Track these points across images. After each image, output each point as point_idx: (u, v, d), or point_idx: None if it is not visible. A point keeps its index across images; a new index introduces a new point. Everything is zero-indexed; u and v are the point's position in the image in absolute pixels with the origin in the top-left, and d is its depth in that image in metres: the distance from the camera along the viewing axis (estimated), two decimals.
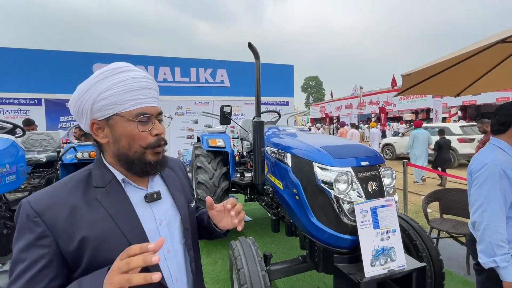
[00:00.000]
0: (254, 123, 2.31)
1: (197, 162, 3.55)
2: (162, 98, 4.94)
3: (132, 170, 0.73)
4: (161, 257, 0.74)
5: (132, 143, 0.71)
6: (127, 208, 0.71)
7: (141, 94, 0.72)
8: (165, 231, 0.77)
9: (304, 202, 1.81)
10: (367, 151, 1.84)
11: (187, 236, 0.84)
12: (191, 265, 0.85)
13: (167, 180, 0.86)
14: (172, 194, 0.84)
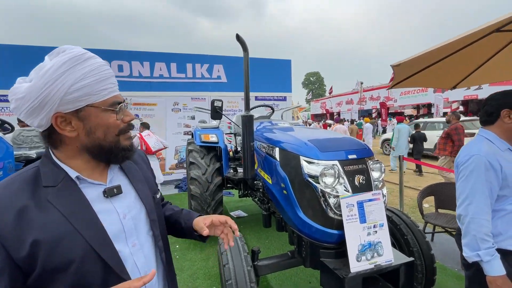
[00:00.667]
0: (242, 117, 2.27)
1: (190, 158, 3.51)
2: (158, 94, 4.96)
3: (111, 160, 0.74)
4: (127, 251, 0.72)
5: (107, 132, 0.71)
6: (83, 206, 0.67)
7: (111, 82, 0.72)
8: (130, 225, 0.75)
9: (292, 196, 1.77)
10: (355, 144, 1.79)
11: (155, 227, 0.83)
12: (161, 256, 0.84)
13: (129, 172, 0.83)
14: (135, 187, 0.82)
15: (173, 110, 6.83)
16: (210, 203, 3.33)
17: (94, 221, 0.67)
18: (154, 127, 6.66)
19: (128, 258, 0.72)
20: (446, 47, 1.97)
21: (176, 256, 3.16)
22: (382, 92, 23.65)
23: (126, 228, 0.73)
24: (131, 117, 0.77)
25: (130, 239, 0.74)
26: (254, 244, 3.37)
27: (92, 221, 0.67)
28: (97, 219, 0.68)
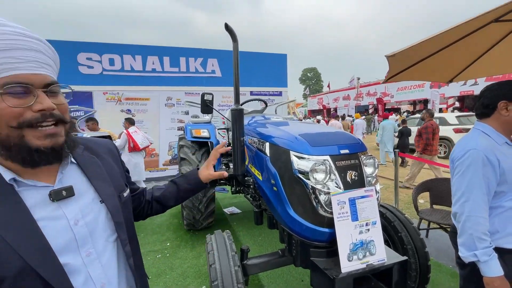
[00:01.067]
0: (232, 110, 2.18)
1: (181, 153, 3.43)
2: (151, 89, 4.83)
3: (13, 159, 0.58)
4: (79, 262, 0.63)
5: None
6: (19, 214, 0.56)
7: (12, 57, 0.54)
8: (84, 232, 0.65)
9: (282, 193, 1.69)
10: (348, 138, 1.72)
11: (121, 230, 0.74)
12: (129, 262, 0.75)
13: (86, 169, 0.72)
14: (94, 186, 0.72)
15: (166, 105, 6.70)
16: (201, 199, 3.26)
17: (33, 231, 0.57)
18: (147, 123, 6.55)
19: (80, 270, 0.63)
20: (442, 37, 1.89)
21: (167, 254, 3.09)
22: (379, 88, 23.64)
23: (79, 236, 0.63)
24: (44, 105, 0.57)
25: (84, 248, 0.65)
26: (247, 241, 3.31)
27: (30, 231, 0.56)
28: (37, 228, 0.57)
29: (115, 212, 0.73)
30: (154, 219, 4.20)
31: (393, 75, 2.54)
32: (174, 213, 4.44)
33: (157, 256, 3.06)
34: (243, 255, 1.88)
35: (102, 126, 4.98)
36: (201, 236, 3.48)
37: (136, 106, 6.44)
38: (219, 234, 1.90)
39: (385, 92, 22.91)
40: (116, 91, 6.21)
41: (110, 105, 6.20)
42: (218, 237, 1.84)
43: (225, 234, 1.92)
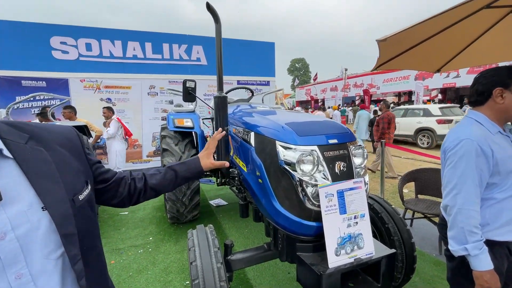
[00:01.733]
0: (215, 98, 2.04)
1: (163, 144, 3.26)
2: (132, 76, 4.52)
3: None
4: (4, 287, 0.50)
5: None
6: None
7: None
8: (12, 247, 0.52)
9: (267, 185, 1.60)
10: (336, 127, 1.63)
11: (71, 244, 0.59)
12: (80, 283, 0.61)
13: (26, 166, 0.57)
14: (35, 188, 0.57)
15: (149, 94, 6.41)
16: (185, 192, 3.13)
17: None
18: (129, 112, 6.27)
19: None
20: (433, 22, 1.82)
21: (149, 249, 2.97)
22: (366, 79, 23.88)
23: (5, 254, 0.51)
24: None
25: (13, 269, 0.51)
26: (233, 234, 3.24)
27: None
28: None
29: (63, 222, 0.59)
30: (137, 213, 4.05)
31: (383, 62, 2.47)
32: (158, 206, 4.29)
33: (139, 251, 2.93)
34: (227, 250, 1.79)
35: (79, 115, 4.69)
36: (186, 230, 3.37)
37: (116, 94, 6.12)
38: (201, 229, 1.80)
39: (371, 84, 23.18)
40: (94, 79, 5.85)
41: (88, 94, 5.85)
42: (200, 233, 1.73)
43: (207, 229, 1.82)
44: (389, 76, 21.51)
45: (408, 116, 10.03)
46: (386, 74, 21.86)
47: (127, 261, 2.75)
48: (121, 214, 4.02)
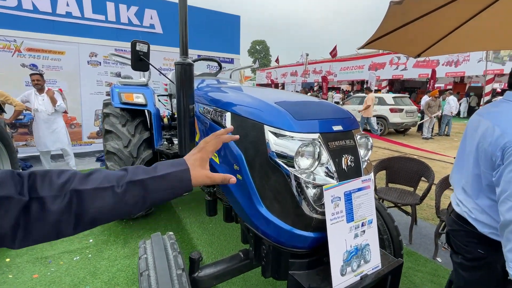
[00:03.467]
0: (178, 65, 1.54)
1: (107, 125, 2.60)
2: (65, 39, 3.45)
3: None
4: None
5: None
6: None
7: None
8: None
9: (250, 183, 1.22)
10: (339, 111, 1.30)
11: None
12: None
13: None
14: None
15: (89, 63, 5.32)
16: None
17: None
18: (63, 84, 5.15)
19: None
20: None
21: (89, 254, 2.39)
22: (325, 66, 24.51)
23: None
24: None
25: None
26: (195, 231, 2.82)
27: None
28: None
29: None
30: None
31: (377, 37, 2.21)
32: None
33: (74, 258, 2.33)
34: (193, 265, 1.38)
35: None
36: (137, 228, 2.84)
37: (44, 61, 4.92)
38: (157, 241, 1.34)
39: (329, 71, 23.88)
40: (11, 37, 4.57)
41: (4, 57, 4.57)
42: (156, 247, 1.28)
43: (167, 239, 1.38)
44: (346, 65, 22.39)
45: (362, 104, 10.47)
46: (343, 62, 22.71)
47: (57, 273, 2.15)
48: None
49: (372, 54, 20.44)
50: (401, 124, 9.57)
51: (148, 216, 3.06)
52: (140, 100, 2.61)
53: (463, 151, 1.24)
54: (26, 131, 4.98)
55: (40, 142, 4.15)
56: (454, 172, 1.35)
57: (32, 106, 4.06)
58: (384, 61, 18.92)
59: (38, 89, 4.03)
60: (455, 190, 1.31)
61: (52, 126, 4.18)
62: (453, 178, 1.36)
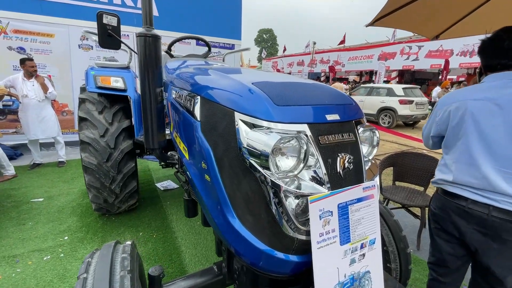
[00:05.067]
0: (139, 37, 1.25)
1: (81, 112, 2.35)
2: (54, 20, 2.99)
3: None
4: None
5: None
6: None
7: None
8: None
9: (219, 187, 0.94)
10: (336, 95, 1.00)
11: None
12: None
13: None
14: None
15: (81, 46, 5.05)
16: (114, 177, 2.33)
17: None
18: (53, 69, 4.92)
19: None
20: None
21: (61, 254, 2.18)
22: (332, 56, 23.76)
23: None
24: None
25: None
26: (181, 229, 2.59)
27: None
28: None
29: None
30: (56, 199, 3.12)
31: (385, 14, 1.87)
32: (86, 190, 3.39)
33: (44, 258, 2.13)
34: (153, 283, 1.13)
35: None
36: (118, 224, 2.63)
37: (33, 43, 4.66)
38: (105, 251, 1.08)
39: (337, 61, 23.15)
40: None
41: None
42: (101, 263, 1.03)
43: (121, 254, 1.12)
44: (355, 54, 21.63)
45: (373, 95, 10.01)
46: (352, 51, 21.98)
47: (22, 275, 1.94)
48: (33, 201, 3.06)
49: (382, 44, 19.66)
50: (411, 116, 9.12)
51: (132, 211, 2.84)
52: (118, 85, 2.34)
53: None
54: (15, 118, 4.78)
55: (29, 130, 3.96)
56: None
57: (19, 92, 3.84)
58: (395, 51, 18.14)
59: (29, 75, 3.82)
60: None
61: (42, 113, 3.97)
62: None
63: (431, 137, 1.36)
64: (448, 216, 1.27)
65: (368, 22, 2.02)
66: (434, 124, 1.32)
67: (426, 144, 1.47)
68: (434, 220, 1.40)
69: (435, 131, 1.32)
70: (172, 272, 2.01)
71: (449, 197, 1.25)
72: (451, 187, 1.23)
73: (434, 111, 1.33)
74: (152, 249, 2.27)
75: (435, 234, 1.41)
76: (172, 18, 5.78)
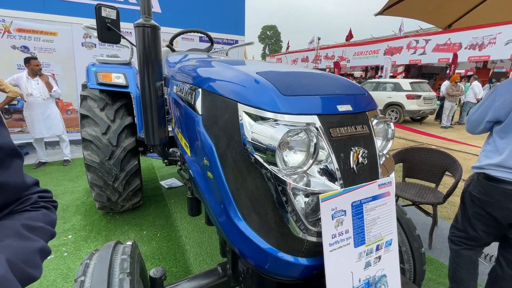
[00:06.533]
0: (137, 28, 1.19)
1: (83, 109, 2.31)
2: (57, 19, 2.90)
3: None
4: None
5: None
6: None
7: None
8: None
9: (221, 184, 0.88)
10: (346, 85, 0.93)
11: None
12: None
13: None
14: None
15: (84, 44, 5.03)
16: (117, 175, 2.29)
17: None
18: (56, 68, 4.92)
19: None
20: None
21: (65, 253, 2.16)
22: (337, 51, 23.47)
23: None
24: None
25: None
26: (185, 227, 2.55)
27: None
28: None
29: None
30: (61, 197, 3.11)
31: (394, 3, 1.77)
32: None
33: (48, 257, 2.10)
34: (154, 285, 1.09)
35: None
36: (122, 223, 2.60)
37: (36, 42, 4.66)
38: (104, 252, 1.03)
39: (342, 56, 22.85)
40: (1, 17, 4.31)
41: None
42: (101, 256, 0.98)
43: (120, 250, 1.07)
44: (360, 50, 21.31)
45: (379, 90, 9.82)
46: (357, 47, 21.67)
47: None
48: None
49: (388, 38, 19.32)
50: (418, 111, 8.92)
51: (136, 210, 2.81)
52: (120, 81, 2.29)
53: None
54: (20, 117, 4.79)
55: (34, 129, 3.97)
56: None
57: (23, 90, 3.85)
58: (401, 45, 17.80)
59: (33, 73, 3.82)
60: None
61: (46, 111, 3.98)
62: None
63: (485, 122, 1.39)
64: (496, 201, 1.34)
65: (377, 11, 1.93)
66: (491, 109, 1.34)
67: (472, 129, 1.50)
68: (477, 205, 1.45)
69: (493, 116, 1.35)
70: (177, 271, 1.97)
71: (494, 182, 1.32)
72: (497, 171, 1.31)
73: (491, 97, 1.36)
74: (156, 248, 2.23)
75: (473, 217, 1.48)
76: (175, 14, 5.71)
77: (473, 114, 1.48)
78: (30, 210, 0.48)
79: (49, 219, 0.52)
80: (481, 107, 1.42)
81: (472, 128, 1.51)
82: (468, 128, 1.54)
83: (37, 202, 0.50)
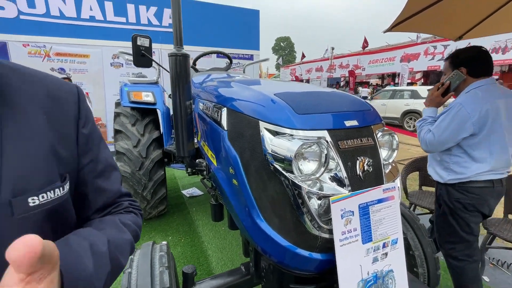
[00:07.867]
0: (171, 57, 1.40)
1: (116, 124, 2.57)
2: (89, 42, 3.48)
3: None
4: None
5: None
6: None
7: None
8: None
9: (246, 191, 1.03)
10: (354, 102, 1.06)
11: None
12: None
13: None
14: None
15: (112, 64, 5.48)
16: (146, 184, 2.51)
17: None
18: (88, 86, 5.36)
19: None
20: None
21: None
22: (352, 60, 23.41)
23: None
24: None
25: None
26: (207, 233, 2.70)
27: None
28: None
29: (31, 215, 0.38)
30: None
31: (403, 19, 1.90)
32: None
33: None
34: (186, 280, 1.23)
35: None
36: (149, 229, 2.79)
37: (71, 64, 5.15)
38: (145, 249, 1.20)
39: (357, 65, 22.75)
40: (41, 43, 4.83)
41: (35, 62, 4.85)
42: (142, 253, 1.15)
43: (157, 248, 1.24)
44: (375, 57, 21.15)
45: (396, 98, 9.73)
46: (372, 55, 21.52)
47: None
48: None
49: (405, 45, 19.06)
50: None
51: (161, 217, 3.01)
52: (149, 99, 2.54)
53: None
54: None
55: None
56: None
57: None
58: (418, 52, 17.49)
59: None
60: None
61: None
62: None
63: (461, 138, 1.47)
64: (484, 201, 1.51)
65: (386, 29, 2.05)
66: (468, 125, 1.42)
67: (439, 147, 1.54)
68: (470, 210, 1.55)
69: (471, 131, 1.43)
70: (201, 274, 2.11)
71: (479, 184, 1.49)
72: (489, 175, 1.47)
73: (461, 113, 1.42)
74: (181, 252, 2.39)
75: (471, 222, 1.57)
76: (191, 32, 6.09)
77: (441, 134, 1.47)
78: (123, 213, 0.60)
79: (136, 222, 0.62)
80: (451, 125, 1.43)
81: (439, 146, 1.51)
82: (434, 148, 1.53)
83: (128, 207, 0.62)
